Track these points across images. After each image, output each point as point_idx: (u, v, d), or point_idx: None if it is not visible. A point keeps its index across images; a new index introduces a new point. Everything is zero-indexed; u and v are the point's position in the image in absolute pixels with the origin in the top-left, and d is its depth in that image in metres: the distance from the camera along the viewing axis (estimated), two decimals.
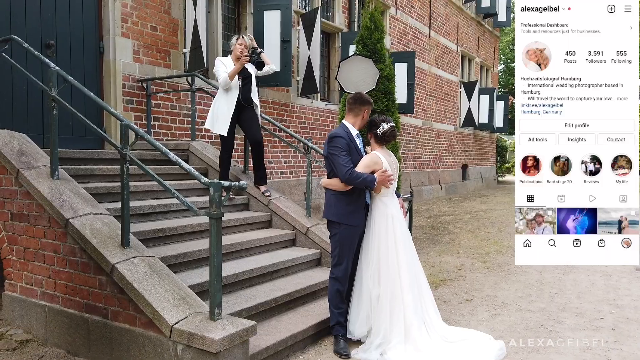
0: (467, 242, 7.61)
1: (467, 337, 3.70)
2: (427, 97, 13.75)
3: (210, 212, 2.86)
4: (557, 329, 4.01)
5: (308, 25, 8.58)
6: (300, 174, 8.95)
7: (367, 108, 3.74)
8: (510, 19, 19.39)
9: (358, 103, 3.74)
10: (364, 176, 3.47)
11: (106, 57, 6.04)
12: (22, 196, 3.74)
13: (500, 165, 22.18)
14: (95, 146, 5.86)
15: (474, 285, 5.30)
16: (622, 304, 4.62)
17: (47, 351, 3.50)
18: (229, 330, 2.83)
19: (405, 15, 12.39)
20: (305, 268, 4.67)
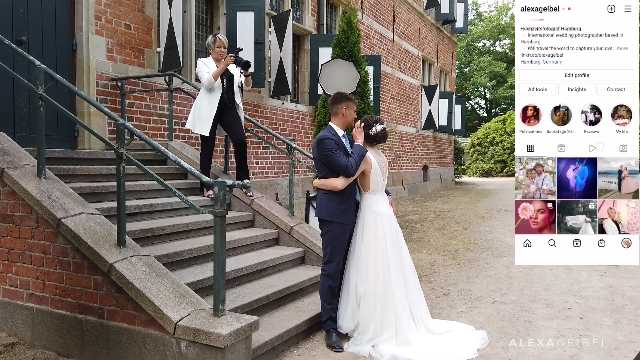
0: (436, 240, 7.90)
1: (451, 329, 3.90)
2: (391, 100, 14.09)
3: (215, 211, 2.91)
4: (531, 319, 4.28)
5: (279, 27, 8.65)
6: (271, 175, 9.00)
7: (343, 105, 3.81)
8: (467, 26, 20.15)
9: (334, 102, 3.86)
10: (355, 156, 3.63)
11: (79, 55, 5.90)
12: (6, 196, 3.64)
13: (457, 167, 22.95)
14: (68, 145, 5.73)
15: (449, 281, 5.55)
16: (586, 295, 4.98)
17: (37, 354, 3.43)
18: (234, 325, 2.89)
19: (370, 19, 12.67)
20: (290, 266, 4.76)
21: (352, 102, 3.85)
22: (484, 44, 40.32)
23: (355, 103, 3.89)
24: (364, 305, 3.74)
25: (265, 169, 8.90)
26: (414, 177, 15.97)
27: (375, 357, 3.50)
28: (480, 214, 10.73)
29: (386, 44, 13.68)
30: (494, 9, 42.14)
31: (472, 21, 38.07)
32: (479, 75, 36.74)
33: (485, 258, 6.67)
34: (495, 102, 39.23)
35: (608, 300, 4.80)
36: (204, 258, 4.15)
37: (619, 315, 4.37)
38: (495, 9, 41.15)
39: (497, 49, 39.90)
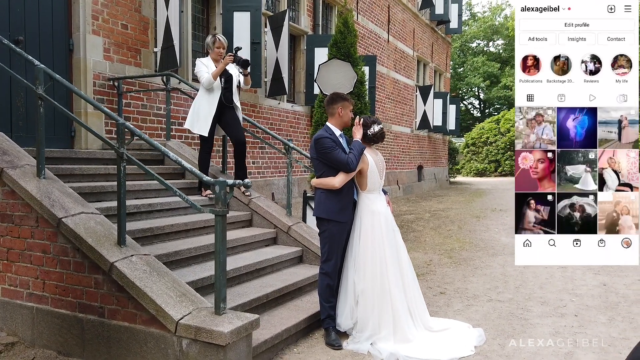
0: (432, 239, 7.96)
1: (449, 327, 3.94)
2: (386, 100, 14.14)
3: (216, 210, 2.94)
4: (527, 317, 4.34)
5: (275, 27, 8.68)
6: (268, 174, 9.03)
7: (339, 105, 3.83)
8: (461, 27, 20.25)
9: (330, 103, 3.89)
10: (354, 152, 3.67)
11: (76, 55, 5.90)
12: (5, 196, 3.65)
13: (452, 167, 23.06)
14: (65, 145, 5.73)
15: (445, 279, 5.60)
16: (580, 293, 5.04)
17: (37, 353, 3.44)
18: (236, 323, 2.91)
19: (365, 20, 12.71)
20: (289, 265, 4.78)
21: (348, 102, 3.88)
22: (478, 45, 40.51)
23: (351, 103, 3.92)
24: (362, 303, 3.77)
25: (262, 168, 8.92)
26: (409, 177, 16.03)
27: (374, 354, 3.53)
28: (475, 214, 10.80)
29: (381, 44, 13.74)
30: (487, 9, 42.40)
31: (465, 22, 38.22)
32: (472, 76, 36.91)
33: (480, 257, 6.73)
34: (489, 103, 39.42)
35: (602, 298, 4.87)
36: (203, 257, 4.17)
37: (613, 313, 4.43)
38: (489, 9, 41.36)
39: (491, 50, 40.11)
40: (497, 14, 39.91)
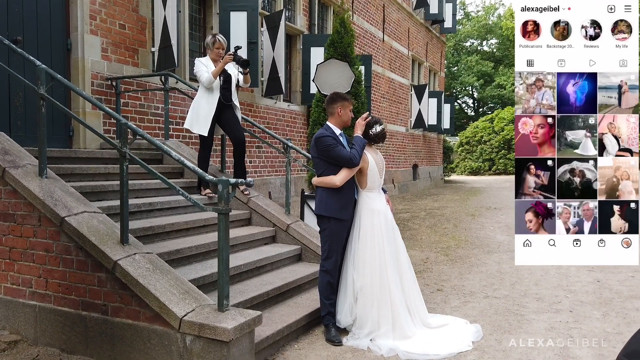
0: (428, 237, 8.03)
1: (447, 323, 4.01)
2: (381, 99, 14.21)
3: (219, 208, 2.98)
4: (522, 312, 4.41)
5: (272, 27, 8.72)
6: (265, 174, 9.07)
7: (339, 105, 3.88)
8: (455, 26, 20.36)
9: (330, 103, 3.94)
10: (357, 147, 3.73)
11: (74, 55, 5.92)
12: (8, 195, 3.67)
13: (446, 165, 23.18)
14: (63, 145, 5.74)
15: (442, 277, 5.66)
16: (575, 289, 5.12)
17: (40, 351, 3.47)
18: (239, 320, 2.96)
19: (361, 19, 12.77)
20: (288, 263, 4.83)
21: (348, 102, 3.93)
22: (472, 44, 40.69)
23: (350, 103, 3.97)
24: (362, 300, 3.83)
25: (259, 167, 8.96)
26: (404, 175, 16.12)
27: (374, 350, 3.59)
28: (470, 212, 10.89)
29: (376, 44, 13.80)
30: (481, 8, 42.59)
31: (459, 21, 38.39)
32: (466, 75, 37.09)
33: (476, 255, 6.81)
34: (483, 101, 39.63)
35: (596, 294, 4.95)
36: (204, 255, 4.21)
37: (607, 309, 4.51)
38: (483, 8, 41.57)
39: (485, 49, 40.31)
40: (491, 13, 40.13)
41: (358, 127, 3.85)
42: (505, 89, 35.59)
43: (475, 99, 40.60)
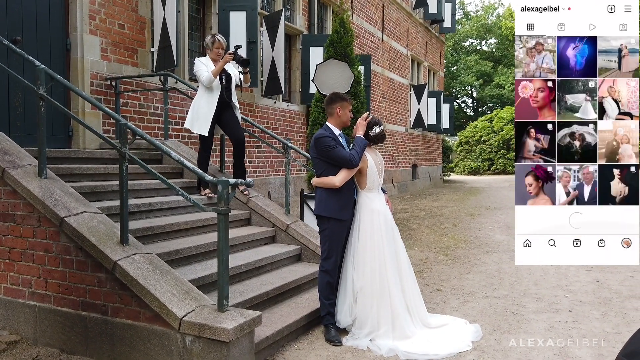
0: (427, 237, 8.04)
1: (446, 323, 4.01)
2: (381, 99, 14.22)
3: (219, 209, 2.98)
4: (522, 312, 4.42)
5: (271, 27, 8.71)
6: (264, 174, 9.07)
7: (337, 105, 3.88)
8: (454, 26, 20.37)
9: (329, 103, 3.94)
10: (357, 148, 3.74)
11: (73, 55, 5.92)
12: (7, 196, 3.67)
13: (446, 165, 23.19)
14: (62, 145, 5.74)
15: (441, 276, 5.67)
16: (574, 289, 5.13)
17: (40, 351, 3.47)
18: (239, 320, 2.96)
19: (360, 19, 12.77)
20: (288, 263, 4.83)
21: (347, 102, 3.93)
22: (471, 43, 40.71)
23: (349, 103, 3.97)
24: (361, 300, 3.83)
25: (258, 167, 8.96)
26: (404, 175, 16.13)
27: (374, 350, 3.59)
28: (470, 212, 10.90)
29: (376, 44, 13.80)
30: (480, 8, 42.60)
31: (459, 20, 38.42)
32: (466, 75, 37.10)
33: (475, 254, 6.81)
34: (482, 101, 39.65)
35: (595, 294, 4.96)
36: (203, 256, 4.22)
37: (606, 308, 4.52)
38: (482, 8, 41.58)
39: (484, 49, 40.32)
40: (490, 13, 40.14)
41: (359, 127, 3.86)
42: (504, 88, 35.61)
43: (474, 98, 40.62)
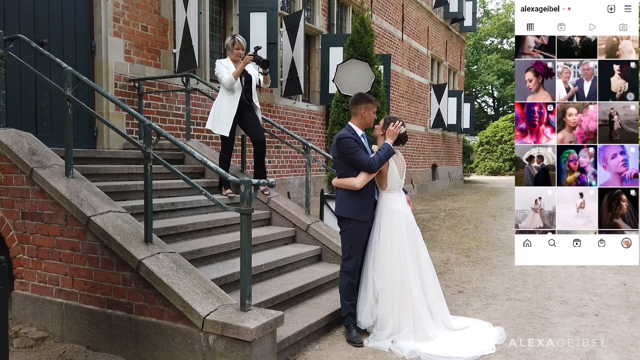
0: (448, 238, 7.96)
1: (469, 325, 3.96)
2: (400, 99, 14.14)
3: (241, 208, 3.00)
4: (547, 316, 4.34)
5: (291, 27, 8.74)
6: (284, 174, 9.10)
7: (363, 106, 3.86)
8: (475, 24, 20.14)
9: (354, 103, 3.92)
10: (381, 154, 3.70)
11: (98, 57, 6.02)
12: (35, 195, 3.75)
13: (466, 165, 22.94)
14: (87, 145, 5.84)
15: (463, 278, 5.61)
16: (600, 293, 5.02)
17: (67, 347, 3.54)
18: (261, 320, 2.97)
19: (380, 19, 12.72)
20: (308, 263, 4.84)
21: (372, 104, 3.91)
22: (492, 42, 40.20)
23: (375, 104, 3.94)
24: (382, 301, 3.81)
25: (278, 167, 8.99)
26: (423, 175, 16.01)
27: (395, 351, 3.57)
28: (491, 213, 10.76)
29: (395, 43, 13.73)
30: (501, 6, 42.04)
31: (479, 19, 37.99)
32: (486, 74, 36.66)
33: (498, 256, 6.72)
34: (503, 100, 39.13)
35: (622, 298, 4.85)
36: (225, 255, 4.24)
37: (634, 312, 4.41)
38: (503, 6, 41.03)
39: (505, 47, 39.78)
40: (511, 11, 39.57)
41: (389, 134, 3.81)
42: None
43: (495, 98, 40.11)
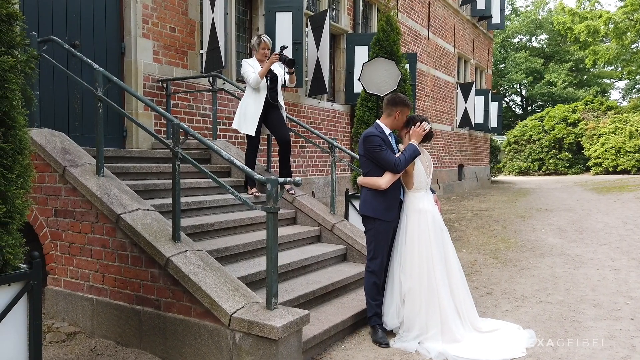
0: (476, 239, 7.83)
1: (498, 327, 3.88)
2: (426, 97, 13.99)
3: (268, 207, 3.00)
4: (579, 319, 4.22)
5: (316, 27, 8.74)
6: (308, 173, 9.10)
7: (399, 110, 3.83)
8: (503, 22, 19.77)
9: (390, 104, 3.88)
10: (407, 154, 3.67)
11: (127, 58, 6.13)
12: (67, 193, 3.84)
13: (493, 165, 22.55)
14: (117, 145, 5.96)
15: (491, 280, 5.50)
16: (636, 296, 4.86)
17: (97, 342, 3.61)
18: (287, 318, 2.97)
19: (405, 17, 12.61)
20: (333, 263, 4.82)
21: (408, 109, 3.88)
22: (520, 40, 39.42)
23: (410, 109, 3.91)
24: (409, 302, 3.76)
25: (302, 167, 9.00)
26: (450, 175, 15.80)
27: (422, 353, 3.53)
28: (520, 214, 10.54)
29: (421, 42, 13.59)
30: (530, 3, 41.19)
31: (507, 16, 37.31)
32: (514, 72, 35.96)
33: (527, 258, 6.57)
34: (532, 99, 38.32)
35: None
36: (251, 254, 4.27)
37: None
38: (532, 3, 40.18)
39: (534, 45, 38.96)
40: (541, 8, 38.74)
41: (414, 135, 3.78)
42: (555, 86, 34.29)
43: (523, 96, 39.31)
